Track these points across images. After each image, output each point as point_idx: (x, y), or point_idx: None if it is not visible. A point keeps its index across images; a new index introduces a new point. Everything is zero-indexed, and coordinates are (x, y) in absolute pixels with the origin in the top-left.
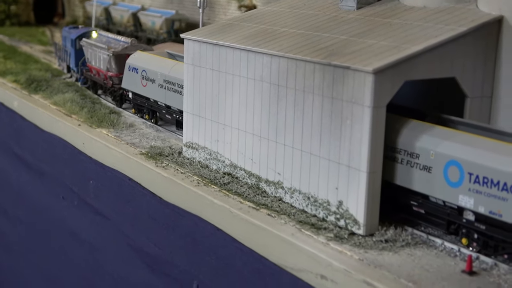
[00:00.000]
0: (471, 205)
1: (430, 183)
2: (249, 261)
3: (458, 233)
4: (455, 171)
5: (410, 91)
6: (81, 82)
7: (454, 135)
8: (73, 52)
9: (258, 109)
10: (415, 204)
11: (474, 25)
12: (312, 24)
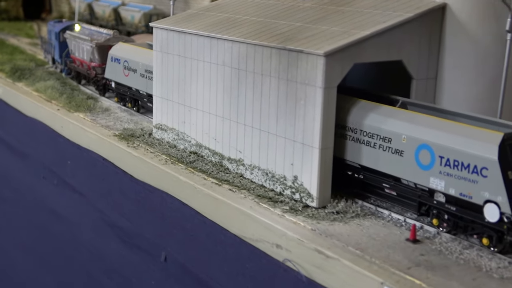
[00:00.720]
0: (442, 187)
1: (401, 166)
2: (212, 233)
3: (429, 214)
4: (426, 155)
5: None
6: (65, 72)
7: (425, 120)
8: (57, 45)
9: (221, 92)
10: (387, 186)
11: (419, 12)
12: (271, 12)
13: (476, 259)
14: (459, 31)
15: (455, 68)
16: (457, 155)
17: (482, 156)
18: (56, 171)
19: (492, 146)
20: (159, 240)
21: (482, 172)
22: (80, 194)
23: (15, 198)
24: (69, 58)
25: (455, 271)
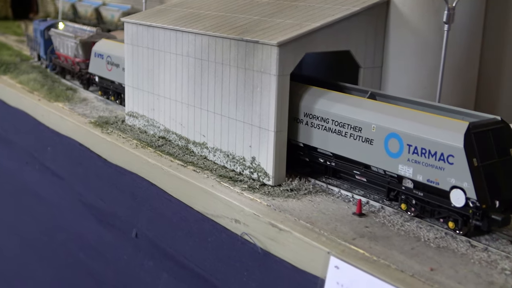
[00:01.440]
0: (410, 174)
1: (371, 154)
2: (177, 210)
3: (398, 199)
4: (395, 143)
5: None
6: (50, 68)
7: (393, 110)
8: (42, 42)
9: (186, 81)
10: (357, 173)
11: (365, 5)
12: (231, 7)
13: (415, 230)
14: (402, 23)
15: (398, 57)
16: (425, 143)
17: (449, 144)
18: (38, 156)
19: (458, 134)
20: (130, 218)
21: (448, 159)
22: (59, 177)
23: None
24: (54, 54)
25: (396, 241)
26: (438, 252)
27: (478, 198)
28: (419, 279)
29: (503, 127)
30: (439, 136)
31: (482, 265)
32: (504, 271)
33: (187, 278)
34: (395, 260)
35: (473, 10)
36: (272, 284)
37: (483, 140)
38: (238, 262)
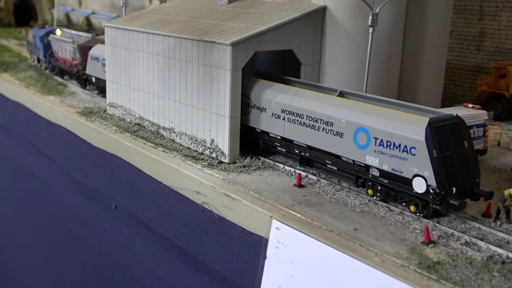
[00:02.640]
0: (376, 164)
1: (342, 145)
2: (149, 185)
3: (365, 185)
4: (363, 136)
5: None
6: (49, 70)
7: (362, 107)
8: (41, 46)
9: (156, 76)
10: (329, 162)
11: (306, 12)
12: (195, 14)
13: (344, 198)
14: (336, 27)
15: (333, 55)
16: (390, 136)
17: (412, 137)
18: (33, 142)
19: (419, 129)
20: (110, 192)
21: (411, 151)
22: (51, 159)
23: (2, 165)
24: (52, 57)
25: (327, 207)
26: (361, 216)
27: (437, 185)
28: (344, 237)
29: (458, 122)
30: (403, 130)
31: (397, 226)
32: (415, 230)
33: (157, 241)
34: (325, 222)
35: (394, 15)
36: (226, 244)
37: (441, 134)
38: (198, 227)
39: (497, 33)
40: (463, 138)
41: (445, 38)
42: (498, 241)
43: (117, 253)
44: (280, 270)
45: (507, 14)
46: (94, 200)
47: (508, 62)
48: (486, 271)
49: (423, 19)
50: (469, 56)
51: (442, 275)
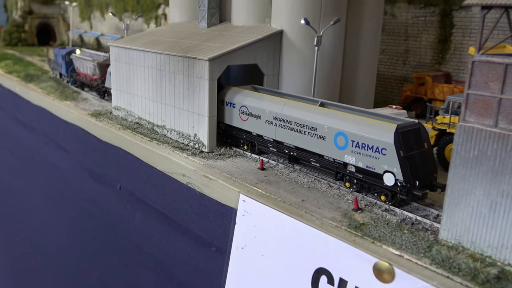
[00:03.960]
0: (353, 162)
1: (324, 147)
2: (146, 170)
3: (343, 179)
4: (342, 139)
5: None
6: (71, 83)
7: (340, 115)
8: (63, 63)
9: (151, 84)
10: (313, 160)
11: (267, 34)
12: (181, 35)
13: (296, 178)
14: (290, 45)
15: (288, 68)
16: (365, 140)
17: (383, 140)
18: (53, 138)
19: (389, 133)
20: (116, 177)
21: (382, 151)
22: (68, 152)
23: (29, 157)
24: (74, 72)
25: (283, 184)
26: (308, 190)
27: (404, 179)
28: (294, 206)
29: (419, 128)
30: (375, 135)
31: (335, 197)
32: (347, 200)
33: (153, 214)
34: (280, 195)
35: (335, 37)
36: (206, 214)
37: (406, 137)
38: (184, 202)
39: (418, 51)
40: (423, 141)
41: (376, 54)
42: (411, 208)
43: (121, 224)
44: (246, 232)
45: (425, 36)
46: (103, 183)
47: (426, 73)
48: (398, 229)
49: (357, 39)
50: (397, 69)
51: (366, 233)
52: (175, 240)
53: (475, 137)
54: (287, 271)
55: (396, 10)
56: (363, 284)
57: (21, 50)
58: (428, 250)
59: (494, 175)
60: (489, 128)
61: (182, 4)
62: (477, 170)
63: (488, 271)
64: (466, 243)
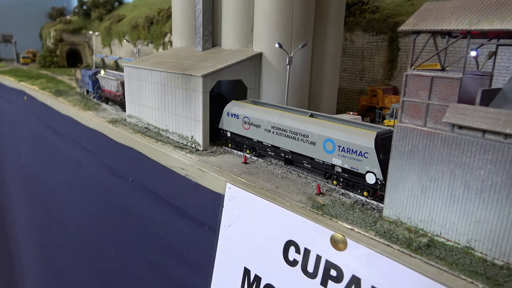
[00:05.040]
0: (339, 164)
1: (314, 151)
2: (153, 165)
3: (331, 178)
4: (330, 145)
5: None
6: (97, 98)
7: (328, 124)
8: (90, 82)
9: (156, 96)
10: (305, 162)
11: (249, 56)
12: (181, 57)
13: (272, 169)
14: (268, 65)
15: (267, 83)
16: (350, 145)
17: (365, 145)
18: (79, 141)
19: (370, 139)
20: (129, 172)
21: (364, 155)
22: (90, 152)
23: (59, 157)
24: (100, 90)
25: (261, 175)
26: (281, 179)
27: (383, 178)
28: (269, 192)
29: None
30: (359, 141)
31: (302, 185)
32: (312, 187)
33: (158, 201)
34: (259, 183)
35: (304, 57)
36: (200, 199)
37: (384, 143)
38: (183, 190)
39: (372, 69)
40: None
41: (336, 71)
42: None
43: (133, 210)
44: (231, 213)
45: (377, 57)
46: (119, 177)
47: (378, 87)
48: (351, 209)
49: (322, 60)
50: (356, 84)
51: (325, 211)
52: (176, 221)
53: (409, 134)
54: (263, 244)
55: (354, 37)
56: (322, 252)
57: (53, 71)
58: (373, 224)
59: (424, 164)
60: (419, 127)
61: (182, 32)
62: (411, 161)
63: (420, 240)
64: (403, 219)
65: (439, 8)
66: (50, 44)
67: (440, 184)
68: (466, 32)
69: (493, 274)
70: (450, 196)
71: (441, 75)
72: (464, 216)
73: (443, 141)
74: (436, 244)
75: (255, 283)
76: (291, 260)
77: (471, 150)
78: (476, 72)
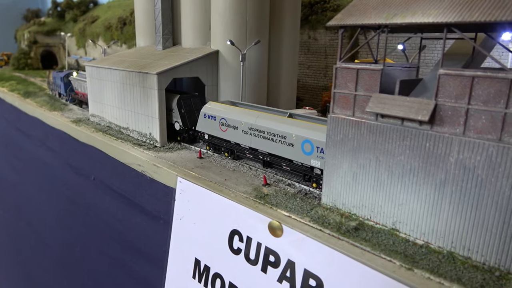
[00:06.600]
0: (318, 165)
1: (293, 153)
2: (112, 162)
3: (310, 180)
4: (309, 146)
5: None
6: (70, 101)
7: (307, 124)
8: (62, 85)
9: (116, 95)
10: (284, 164)
11: (206, 53)
12: (141, 56)
13: (225, 164)
14: (224, 61)
15: (224, 79)
16: None
17: None
18: (44, 141)
19: None
20: (91, 170)
21: None
22: (55, 152)
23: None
24: (73, 92)
25: (214, 169)
26: (232, 172)
27: None
28: (217, 184)
29: None
30: None
31: (251, 177)
32: (260, 179)
33: (118, 197)
34: (210, 177)
35: (259, 53)
36: (155, 194)
37: None
38: (139, 185)
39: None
40: None
41: (294, 68)
42: (306, 184)
43: (95, 207)
44: (182, 206)
45: None
46: (81, 175)
47: None
48: (293, 198)
49: (279, 57)
50: (320, 80)
51: (267, 201)
52: (134, 216)
53: (340, 124)
54: (211, 234)
55: (317, 35)
56: (262, 239)
57: (27, 73)
58: (310, 211)
59: (354, 152)
60: (349, 117)
61: (145, 32)
62: (343, 149)
63: (348, 224)
64: (339, 205)
65: (364, 4)
66: (24, 46)
67: (368, 170)
68: (384, 26)
69: (411, 253)
70: (377, 182)
71: (365, 67)
72: (389, 200)
73: (369, 130)
74: (365, 227)
75: (205, 272)
76: (235, 248)
77: (393, 137)
78: (405, 64)
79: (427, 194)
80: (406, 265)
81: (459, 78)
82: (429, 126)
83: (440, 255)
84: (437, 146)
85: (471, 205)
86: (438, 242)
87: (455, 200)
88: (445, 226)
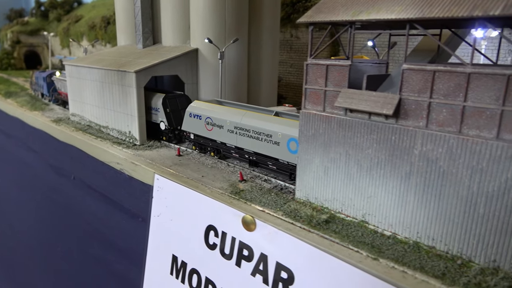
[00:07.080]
0: None
1: (279, 151)
2: (92, 161)
3: None
4: (294, 144)
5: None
6: (53, 101)
7: (293, 123)
8: (45, 85)
9: (96, 93)
10: (270, 163)
11: (185, 51)
12: (121, 55)
13: (204, 160)
14: (204, 60)
15: (203, 77)
16: None
17: None
18: (25, 141)
19: None
20: (71, 169)
21: None
22: (35, 151)
23: (7, 158)
24: (55, 92)
25: (191, 166)
26: (210, 169)
27: None
28: (194, 181)
29: None
30: None
31: (228, 173)
32: (238, 176)
33: (97, 196)
34: (187, 174)
35: (238, 51)
36: (133, 192)
37: None
38: (119, 184)
39: None
40: None
41: (275, 65)
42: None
43: (75, 206)
44: (159, 203)
45: (321, 53)
46: (62, 175)
47: None
48: (268, 193)
49: (259, 54)
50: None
51: (242, 196)
52: (114, 215)
53: (311, 119)
54: (188, 230)
55: (300, 34)
56: (236, 234)
57: (10, 73)
58: (283, 205)
59: (325, 147)
60: (319, 112)
61: (125, 31)
62: (315, 144)
63: (319, 217)
64: (312, 199)
65: (334, 2)
66: (7, 46)
67: (338, 164)
68: (351, 23)
69: (378, 244)
70: (347, 175)
71: (334, 63)
72: (359, 193)
73: (339, 124)
74: (336, 220)
75: (182, 269)
76: (211, 244)
77: (361, 131)
78: (375, 60)
79: (394, 186)
80: (372, 255)
81: (422, 72)
82: (394, 119)
83: (406, 245)
84: (402, 139)
85: (434, 195)
86: (404, 232)
87: (419, 192)
88: (411, 217)
